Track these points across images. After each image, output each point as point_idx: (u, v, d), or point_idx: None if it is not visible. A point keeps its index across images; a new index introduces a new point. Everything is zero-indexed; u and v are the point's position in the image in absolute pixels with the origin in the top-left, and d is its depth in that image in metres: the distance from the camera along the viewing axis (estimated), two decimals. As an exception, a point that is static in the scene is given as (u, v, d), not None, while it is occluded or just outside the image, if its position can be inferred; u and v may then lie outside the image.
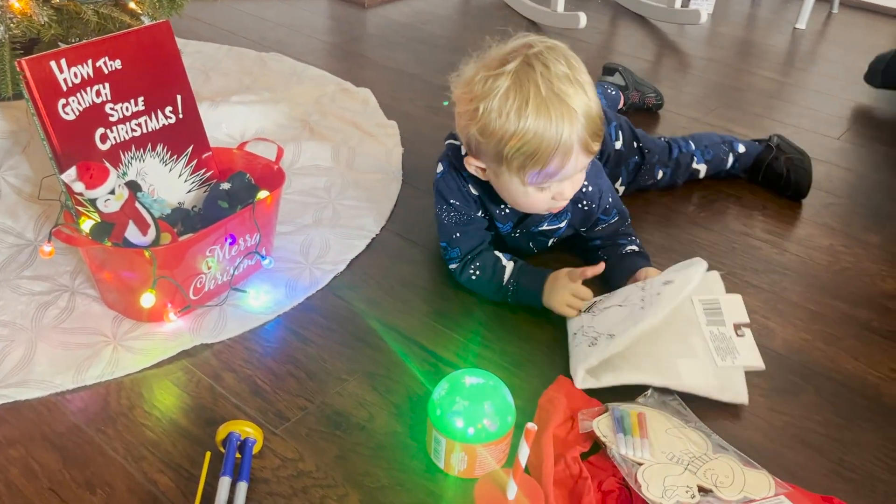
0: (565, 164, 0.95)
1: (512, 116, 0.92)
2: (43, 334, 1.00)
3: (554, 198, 1.02)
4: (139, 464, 0.84)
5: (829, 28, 2.45)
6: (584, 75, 0.96)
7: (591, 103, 0.95)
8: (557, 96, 0.92)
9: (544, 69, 0.92)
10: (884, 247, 1.30)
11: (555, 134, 0.92)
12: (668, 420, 0.88)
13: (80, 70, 0.98)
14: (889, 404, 0.97)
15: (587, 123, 0.94)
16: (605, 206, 1.13)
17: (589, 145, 0.96)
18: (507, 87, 0.92)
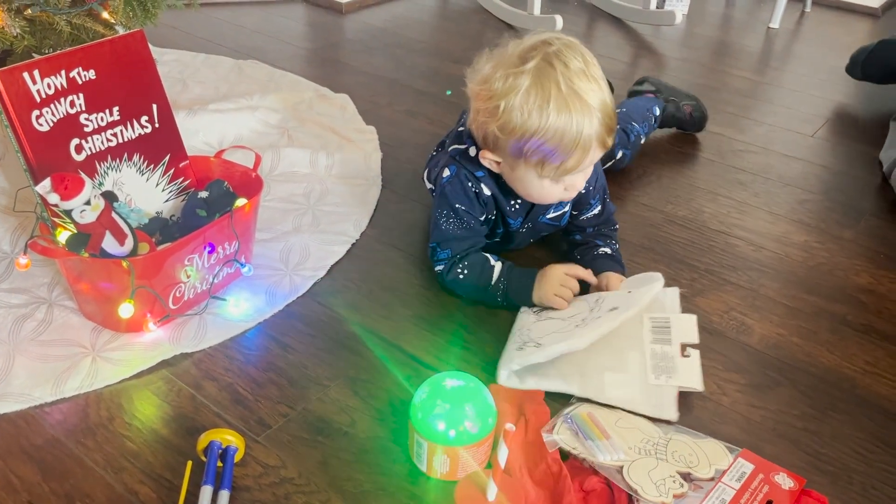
0: (584, 159, 0.98)
1: (534, 114, 0.95)
2: (21, 347, 0.99)
3: (566, 189, 1.05)
4: (119, 475, 0.83)
5: (802, 27, 2.49)
6: (598, 70, 0.98)
7: (606, 98, 0.98)
8: (577, 94, 0.94)
9: (564, 68, 0.95)
10: (857, 241, 1.32)
11: (575, 131, 0.95)
12: (612, 413, 0.91)
13: (54, 81, 0.97)
14: (864, 397, 0.99)
15: (604, 118, 0.97)
16: (600, 188, 1.16)
17: (605, 140, 0.99)
18: (528, 85, 0.95)
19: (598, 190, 1.17)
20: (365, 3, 2.42)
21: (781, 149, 1.64)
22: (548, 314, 1.04)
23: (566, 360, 0.95)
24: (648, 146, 1.57)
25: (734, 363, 1.03)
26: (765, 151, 1.62)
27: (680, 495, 0.80)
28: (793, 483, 0.84)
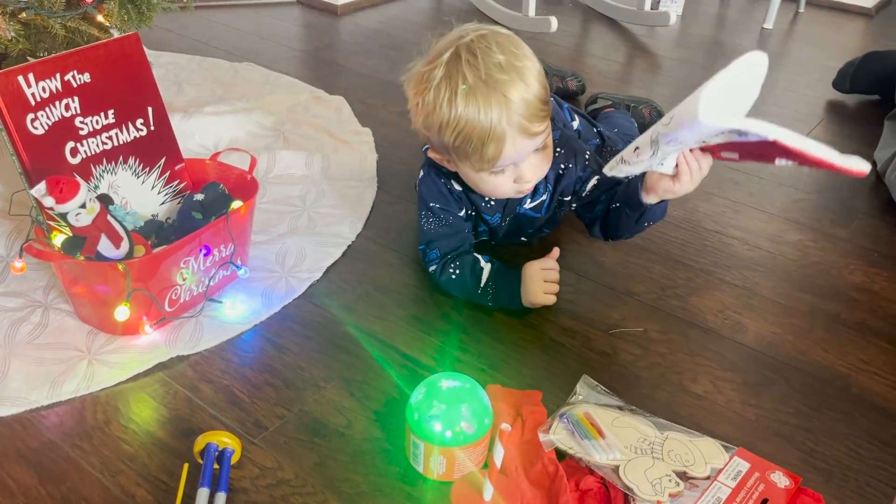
0: (502, 148, 0.96)
1: (444, 107, 0.95)
2: (17, 351, 0.99)
3: (516, 181, 1.03)
4: (116, 478, 0.83)
5: (796, 27, 2.49)
6: (520, 60, 0.95)
7: (528, 87, 0.94)
8: (485, 83, 0.93)
9: (471, 57, 0.94)
10: (851, 240, 1.32)
11: (485, 120, 0.93)
12: (609, 412, 0.91)
13: (49, 84, 0.98)
14: (858, 394, 0.99)
15: (523, 107, 0.94)
16: (582, 164, 1.13)
17: (527, 128, 0.96)
18: (440, 78, 0.95)
19: (580, 165, 1.13)
20: (360, 5, 2.42)
21: (775, 148, 1.64)
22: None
23: None
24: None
25: (729, 362, 1.04)
26: (759, 151, 1.63)
27: (676, 494, 0.80)
28: (788, 481, 0.84)
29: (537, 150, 1.01)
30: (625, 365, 1.02)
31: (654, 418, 0.91)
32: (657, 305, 1.14)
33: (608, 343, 1.06)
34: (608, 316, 1.11)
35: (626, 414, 0.91)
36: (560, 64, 1.89)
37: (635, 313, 1.12)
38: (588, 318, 1.10)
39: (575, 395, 0.95)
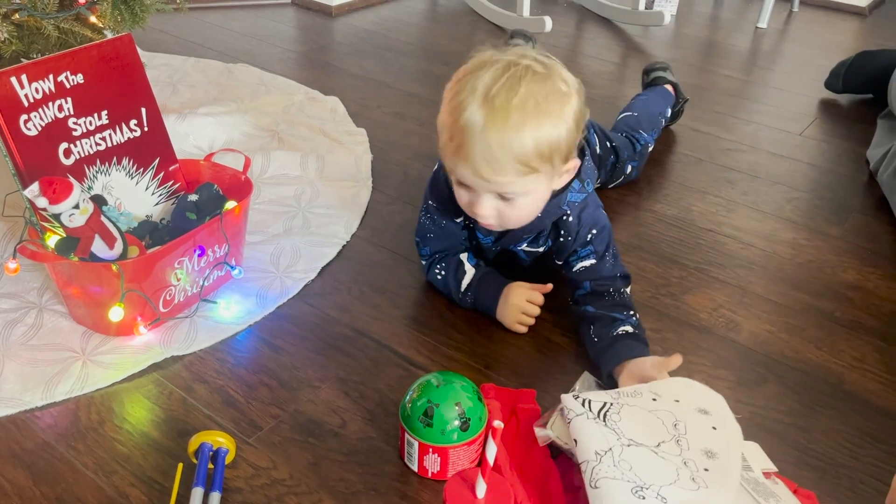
0: (457, 163, 0.91)
1: (456, 90, 0.90)
2: (11, 352, 0.99)
3: (471, 208, 0.96)
4: (110, 478, 0.83)
5: (790, 27, 2.50)
6: (539, 112, 0.87)
7: (520, 133, 0.87)
8: (491, 103, 0.87)
9: (509, 78, 0.88)
10: (845, 238, 1.33)
11: (461, 124, 0.88)
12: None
13: (42, 85, 0.97)
14: (851, 392, 1.00)
15: (487, 147, 0.87)
16: (585, 240, 1.06)
17: (478, 169, 0.89)
18: (481, 75, 0.89)
19: (587, 241, 1.06)
20: (354, 6, 2.42)
21: (769, 147, 1.65)
22: (626, 433, 0.85)
23: None
24: (637, 146, 1.58)
25: (723, 360, 1.04)
26: (753, 150, 1.64)
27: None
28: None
29: (504, 199, 0.93)
30: (619, 363, 1.02)
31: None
32: (651, 304, 1.14)
33: (602, 342, 1.06)
34: (602, 315, 1.11)
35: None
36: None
37: (629, 312, 1.12)
38: (582, 317, 1.10)
39: (574, 391, 0.95)
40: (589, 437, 0.83)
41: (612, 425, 0.85)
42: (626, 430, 0.84)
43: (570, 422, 0.85)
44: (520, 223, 1.00)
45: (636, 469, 0.79)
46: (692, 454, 0.82)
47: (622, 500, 0.76)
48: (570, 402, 0.87)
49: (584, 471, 0.80)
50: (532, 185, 0.92)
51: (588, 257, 1.06)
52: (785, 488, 0.83)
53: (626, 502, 0.76)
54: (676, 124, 1.72)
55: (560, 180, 0.98)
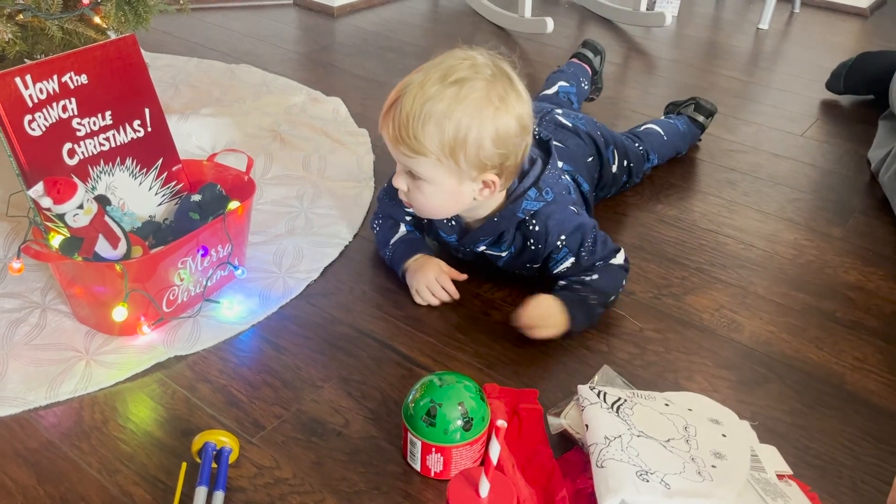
0: (382, 123, 1.01)
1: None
2: (14, 351, 0.99)
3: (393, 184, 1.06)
4: (114, 477, 0.84)
5: (791, 28, 2.51)
6: (463, 99, 0.94)
7: (429, 119, 0.94)
8: (437, 73, 0.96)
9: (440, 69, 0.96)
10: (846, 239, 1.33)
11: (394, 91, 1.00)
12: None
13: (46, 86, 0.98)
14: (852, 392, 1.00)
15: (403, 111, 0.96)
16: (554, 246, 1.07)
17: (387, 129, 1.00)
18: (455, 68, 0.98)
19: (559, 246, 1.07)
20: (356, 7, 2.42)
21: (771, 148, 1.66)
22: (637, 425, 0.86)
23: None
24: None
25: (724, 360, 1.04)
26: (754, 151, 1.64)
27: None
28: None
29: (413, 178, 1.01)
30: (621, 364, 1.03)
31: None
32: (653, 304, 1.14)
33: (604, 342, 1.06)
34: (604, 315, 1.11)
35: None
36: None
37: (631, 312, 1.12)
38: (584, 318, 1.11)
39: (591, 384, 0.95)
40: (600, 424, 0.84)
41: (624, 417, 0.86)
42: (637, 423, 0.85)
43: (584, 409, 0.86)
44: (430, 212, 1.06)
45: (643, 456, 0.81)
46: (700, 452, 0.83)
47: (626, 480, 0.77)
48: (585, 391, 0.90)
49: (592, 452, 0.81)
50: (433, 172, 0.98)
51: (566, 259, 1.09)
52: (798, 490, 0.83)
53: (629, 483, 0.77)
54: (678, 125, 1.72)
55: (475, 188, 1.01)
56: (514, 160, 0.99)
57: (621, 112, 1.78)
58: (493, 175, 0.99)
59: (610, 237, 1.12)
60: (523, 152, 1.01)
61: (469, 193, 1.01)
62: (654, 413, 0.89)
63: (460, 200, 1.03)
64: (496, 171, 0.99)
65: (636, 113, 1.78)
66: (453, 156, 0.96)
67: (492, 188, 1.01)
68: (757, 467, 0.84)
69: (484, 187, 1.01)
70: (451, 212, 1.07)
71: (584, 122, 1.31)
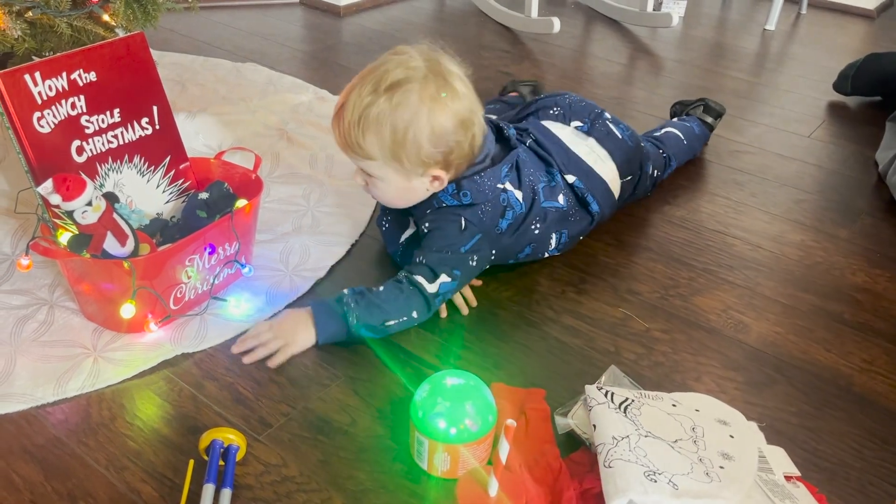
0: (333, 130, 1.05)
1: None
2: (22, 348, 0.99)
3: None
4: (121, 474, 0.84)
5: (797, 29, 2.50)
6: (406, 104, 0.98)
7: (369, 123, 0.99)
8: (376, 72, 1.02)
9: (386, 67, 1.02)
10: (853, 241, 1.33)
11: (340, 97, 1.04)
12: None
13: (55, 83, 0.98)
14: (860, 394, 1.00)
15: (348, 115, 1.01)
16: (424, 231, 1.10)
17: (342, 143, 1.04)
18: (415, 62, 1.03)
19: (424, 232, 1.09)
20: (362, 6, 2.43)
21: (778, 149, 1.65)
22: (645, 426, 0.86)
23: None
24: (646, 147, 1.57)
25: (732, 361, 1.04)
26: (761, 152, 1.64)
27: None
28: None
29: (366, 175, 1.06)
30: (628, 364, 1.02)
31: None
32: (660, 305, 1.14)
33: (612, 342, 1.06)
34: (611, 315, 1.11)
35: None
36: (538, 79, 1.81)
37: (638, 312, 1.12)
38: (591, 318, 1.11)
39: (598, 384, 0.95)
40: (608, 424, 0.84)
41: (631, 417, 0.86)
42: (644, 423, 0.85)
43: (592, 409, 0.86)
44: (391, 203, 1.11)
45: (651, 456, 0.81)
46: (708, 453, 0.83)
47: (634, 480, 0.77)
48: (593, 391, 0.90)
49: (600, 452, 0.81)
50: (382, 171, 1.03)
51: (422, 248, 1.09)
52: (806, 492, 0.83)
53: (637, 483, 0.77)
54: (684, 126, 1.71)
55: (425, 182, 1.04)
56: (458, 154, 1.03)
57: (627, 112, 1.78)
58: (439, 170, 1.03)
59: (473, 271, 1.09)
60: (470, 144, 1.03)
61: (421, 187, 1.06)
62: (662, 414, 0.89)
63: (415, 193, 1.07)
64: (441, 167, 1.03)
65: (642, 113, 1.78)
66: (396, 158, 1.00)
67: (441, 181, 1.04)
68: (765, 468, 0.84)
69: (433, 180, 1.04)
70: (410, 203, 1.09)
71: (630, 133, 1.31)
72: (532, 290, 1.16)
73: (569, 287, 1.16)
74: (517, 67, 2.04)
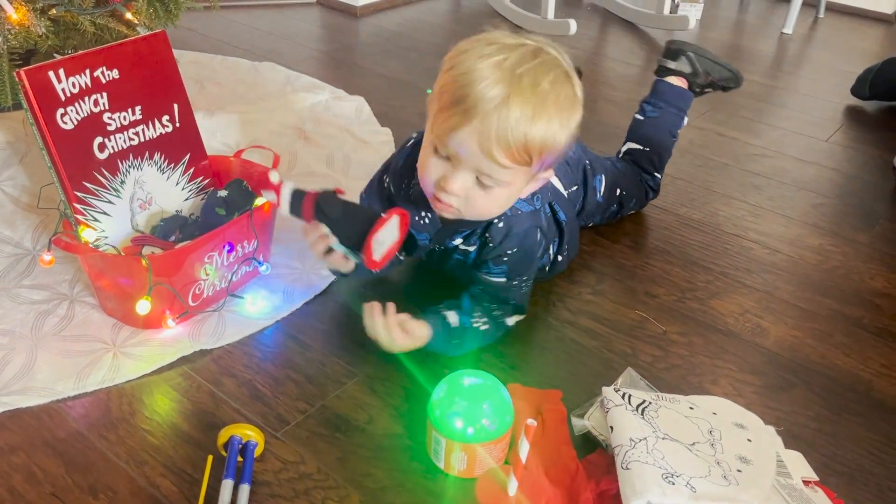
0: (461, 125, 0.84)
1: (468, 55, 0.86)
2: (43, 342, 1.00)
3: (440, 181, 0.89)
4: (141, 468, 0.84)
5: (815, 32, 2.49)
6: (553, 98, 0.84)
7: (534, 119, 0.83)
8: (519, 77, 0.83)
9: (534, 58, 0.85)
10: (872, 245, 1.32)
11: (479, 92, 0.82)
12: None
13: (78, 80, 0.99)
14: (879, 399, 0.99)
15: (505, 124, 0.82)
16: (499, 253, 1.01)
17: (487, 143, 0.83)
18: (502, 45, 0.86)
19: (503, 258, 1.01)
20: (379, 7, 2.43)
21: (796, 153, 1.64)
22: (662, 428, 0.86)
23: None
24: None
25: (749, 365, 1.04)
26: (779, 155, 1.63)
27: None
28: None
29: (481, 185, 0.89)
30: (645, 366, 1.02)
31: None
32: (677, 308, 1.14)
33: (629, 344, 1.06)
34: (628, 317, 1.11)
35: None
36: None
37: (655, 315, 1.12)
38: (608, 320, 1.11)
39: (615, 385, 0.95)
40: (625, 426, 0.84)
41: (649, 419, 0.86)
42: (662, 426, 0.85)
43: (609, 411, 0.86)
44: (482, 215, 0.95)
45: (668, 459, 0.80)
46: (726, 457, 0.83)
47: (652, 482, 0.77)
48: (610, 393, 0.90)
49: (617, 454, 0.81)
50: (515, 177, 0.88)
51: (499, 276, 1.02)
52: (825, 497, 0.83)
53: (655, 485, 0.77)
54: (702, 129, 1.71)
55: (531, 186, 0.94)
56: None
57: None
58: (552, 170, 0.93)
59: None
60: None
61: (524, 192, 0.94)
62: (679, 416, 0.89)
63: (515, 200, 0.95)
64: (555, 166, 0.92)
65: (659, 116, 1.77)
66: (542, 159, 0.87)
67: (543, 182, 0.95)
68: (783, 473, 0.84)
69: (538, 182, 0.94)
70: (500, 212, 0.96)
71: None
72: (549, 291, 1.16)
73: (586, 289, 1.16)
74: (533, 69, 2.04)
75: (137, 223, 1.08)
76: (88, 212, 1.01)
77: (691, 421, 0.89)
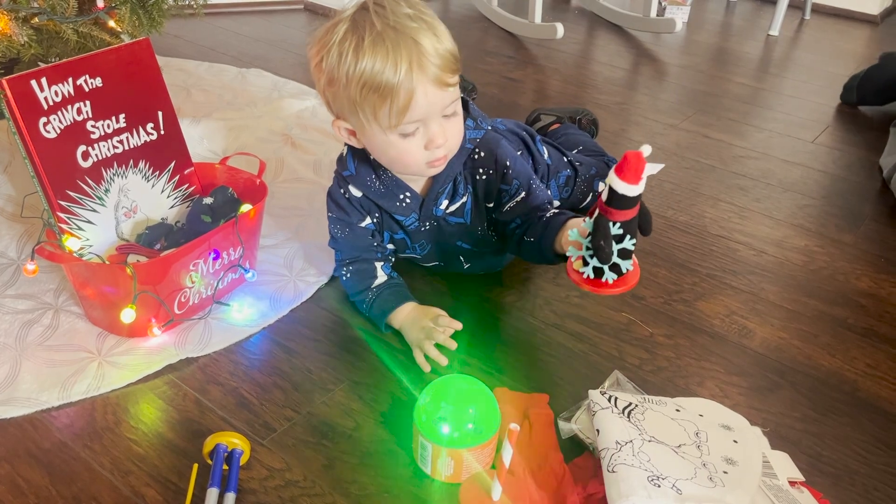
0: (412, 96, 0.89)
1: (350, 56, 0.89)
2: (27, 352, 1.00)
3: (427, 146, 0.95)
4: (126, 478, 0.84)
5: (801, 34, 2.50)
6: (429, 16, 0.93)
7: (438, 38, 0.91)
8: (394, 29, 0.88)
9: (379, 7, 0.90)
10: (857, 246, 1.33)
11: (394, 65, 0.88)
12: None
13: (61, 88, 0.99)
14: (865, 399, 0.99)
15: (434, 54, 0.89)
16: (502, 173, 1.05)
17: (439, 77, 0.90)
18: (345, 30, 0.90)
19: (500, 175, 1.05)
20: (367, 12, 2.43)
21: (782, 154, 1.65)
22: (649, 431, 0.86)
23: None
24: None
25: (735, 366, 1.04)
26: (765, 157, 1.64)
27: None
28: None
29: (447, 117, 0.95)
30: (632, 369, 1.02)
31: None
32: (664, 310, 1.14)
33: (615, 347, 1.06)
34: (615, 320, 1.11)
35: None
36: (558, 100, 1.89)
37: (642, 317, 1.12)
38: (595, 323, 1.11)
39: (602, 389, 0.95)
40: (611, 428, 0.84)
41: (635, 422, 0.86)
42: (648, 428, 0.85)
43: (595, 414, 0.86)
44: (457, 144, 1.00)
45: (654, 461, 0.81)
46: (712, 458, 0.83)
47: (637, 484, 0.77)
48: (596, 396, 0.90)
49: (603, 457, 0.81)
50: (457, 94, 0.96)
51: (518, 192, 1.05)
52: (811, 498, 0.83)
53: (641, 487, 0.77)
54: (688, 131, 1.72)
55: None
56: None
57: (631, 118, 1.78)
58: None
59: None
60: None
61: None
62: (665, 418, 0.89)
63: (464, 120, 1.02)
64: None
65: (646, 119, 1.78)
66: (459, 62, 0.95)
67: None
68: (769, 474, 0.84)
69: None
70: (462, 134, 1.01)
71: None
72: (536, 294, 1.16)
73: (572, 292, 1.16)
74: (521, 73, 2.04)
75: (122, 231, 1.08)
76: (72, 220, 1.01)
77: (678, 423, 0.89)
